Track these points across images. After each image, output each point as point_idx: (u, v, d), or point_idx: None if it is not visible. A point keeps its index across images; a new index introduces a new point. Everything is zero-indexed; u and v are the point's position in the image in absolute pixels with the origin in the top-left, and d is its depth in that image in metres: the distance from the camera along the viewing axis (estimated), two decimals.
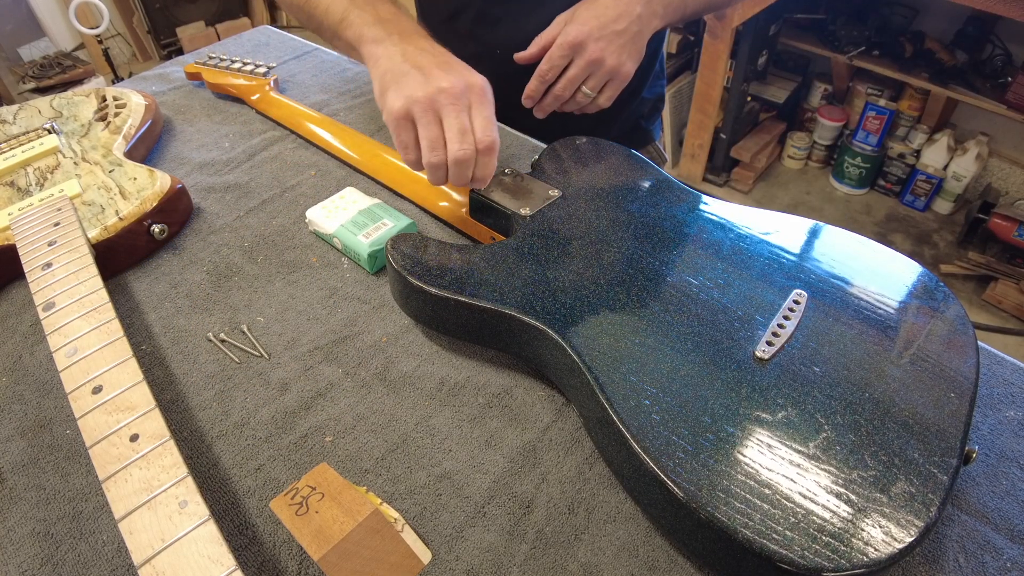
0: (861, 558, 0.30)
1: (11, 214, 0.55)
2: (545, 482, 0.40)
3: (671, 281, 0.45)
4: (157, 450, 0.35)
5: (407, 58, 0.50)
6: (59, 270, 0.47)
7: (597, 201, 0.53)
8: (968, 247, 1.91)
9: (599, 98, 0.59)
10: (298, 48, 0.93)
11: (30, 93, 2.52)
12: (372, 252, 0.54)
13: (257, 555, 0.37)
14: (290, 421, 0.44)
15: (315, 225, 0.57)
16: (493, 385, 0.46)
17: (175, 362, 0.48)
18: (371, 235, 0.54)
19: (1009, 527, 0.38)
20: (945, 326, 0.42)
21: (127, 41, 2.93)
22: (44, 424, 0.44)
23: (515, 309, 0.43)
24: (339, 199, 0.59)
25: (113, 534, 0.38)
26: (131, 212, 0.55)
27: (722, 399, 0.37)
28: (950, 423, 0.36)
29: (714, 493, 0.33)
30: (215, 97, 0.81)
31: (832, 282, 0.45)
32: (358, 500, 0.34)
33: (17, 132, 0.67)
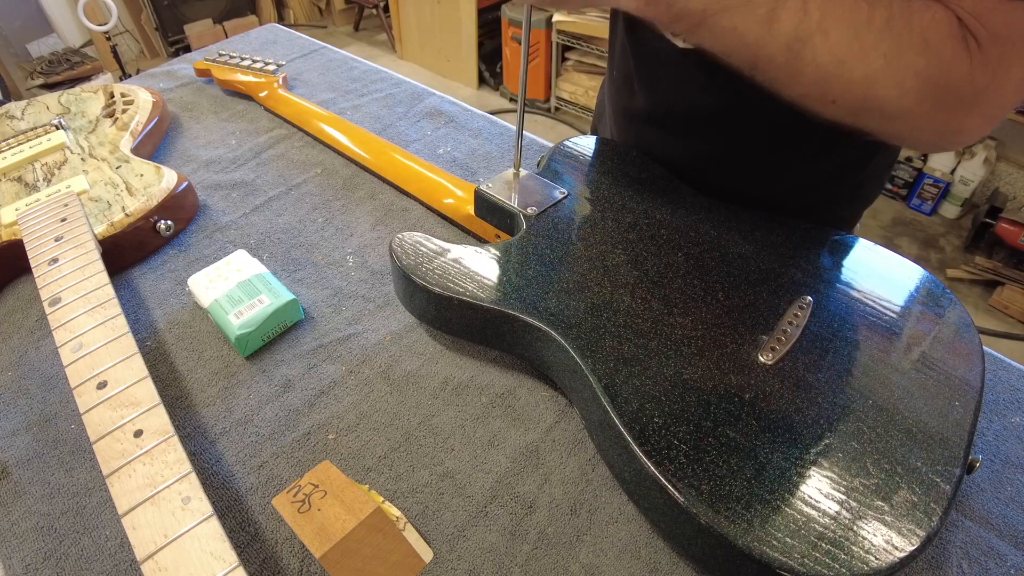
0: (862, 567, 0.30)
1: (18, 209, 0.55)
2: (547, 483, 0.40)
3: (675, 284, 0.45)
4: (161, 446, 0.35)
5: None
6: (65, 265, 0.47)
7: (603, 202, 0.53)
8: (975, 252, 1.90)
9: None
10: (305, 46, 0.93)
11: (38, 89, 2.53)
12: (241, 335, 0.47)
13: (259, 552, 0.37)
14: (293, 419, 0.44)
15: (194, 296, 0.51)
16: (496, 385, 0.46)
17: (180, 359, 0.48)
18: (243, 315, 0.47)
19: (1013, 533, 0.38)
20: (950, 333, 0.42)
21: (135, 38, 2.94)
22: (49, 419, 0.45)
23: (518, 310, 0.43)
24: (225, 265, 0.52)
25: (116, 529, 0.38)
26: (137, 209, 0.56)
27: (725, 404, 0.37)
28: (954, 431, 0.36)
29: (715, 498, 0.33)
30: (222, 94, 0.81)
31: (837, 287, 0.45)
32: (360, 498, 0.34)
33: (25, 128, 0.67)
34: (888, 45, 0.34)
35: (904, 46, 0.33)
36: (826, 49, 0.34)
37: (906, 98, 0.34)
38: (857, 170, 0.56)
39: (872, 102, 0.35)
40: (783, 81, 0.37)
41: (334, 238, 0.59)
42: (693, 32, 0.37)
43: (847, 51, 0.34)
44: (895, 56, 0.34)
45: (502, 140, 0.72)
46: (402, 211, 0.62)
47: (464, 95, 2.78)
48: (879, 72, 0.34)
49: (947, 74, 0.33)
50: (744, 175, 0.56)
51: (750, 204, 0.51)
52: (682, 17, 0.36)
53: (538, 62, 2.52)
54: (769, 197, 0.55)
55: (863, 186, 0.58)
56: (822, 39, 0.34)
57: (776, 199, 0.55)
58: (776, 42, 0.35)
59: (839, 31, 0.34)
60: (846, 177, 0.56)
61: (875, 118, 0.37)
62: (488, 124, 0.75)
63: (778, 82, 0.37)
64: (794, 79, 0.36)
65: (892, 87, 0.34)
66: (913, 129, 0.37)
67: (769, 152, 0.54)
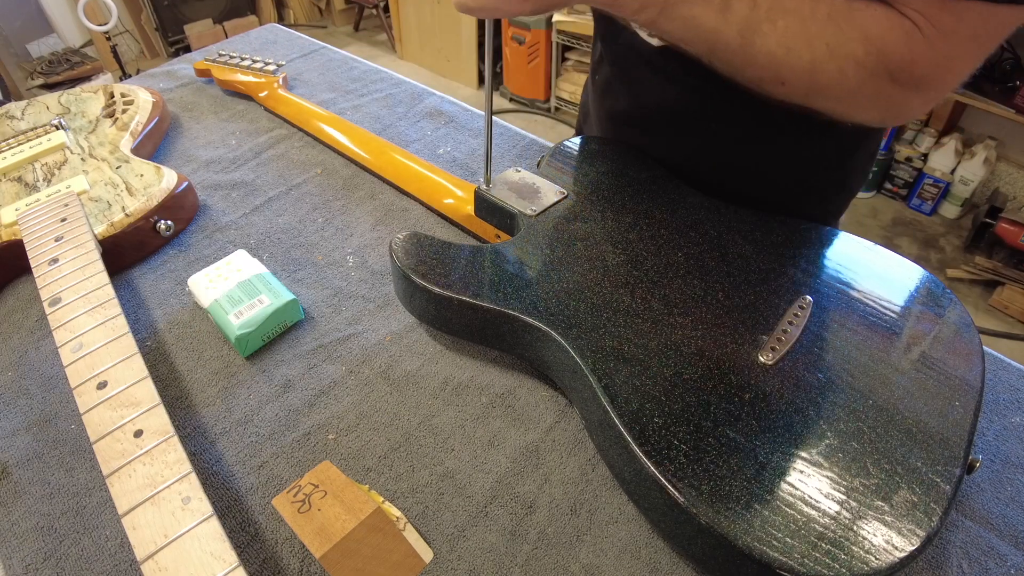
0: (862, 567, 0.30)
1: (18, 209, 0.55)
2: (548, 483, 0.40)
3: (675, 284, 0.45)
4: (161, 446, 0.35)
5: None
6: (65, 266, 0.47)
7: (603, 202, 0.53)
8: (975, 252, 1.90)
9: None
10: (305, 46, 0.93)
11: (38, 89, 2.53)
12: (241, 336, 0.47)
13: (259, 552, 0.37)
14: (293, 419, 0.44)
15: (194, 296, 0.51)
16: (496, 385, 0.46)
17: (180, 359, 0.48)
18: (243, 315, 0.47)
19: (1013, 533, 0.38)
20: (950, 333, 0.42)
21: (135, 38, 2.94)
22: (49, 419, 0.45)
23: (518, 310, 0.43)
24: (225, 265, 0.52)
25: (116, 529, 0.38)
26: (137, 209, 0.56)
27: (725, 404, 0.37)
28: (954, 432, 0.36)
29: (714, 499, 0.33)
30: (222, 94, 0.81)
31: (837, 287, 0.45)
32: (360, 498, 0.34)
33: (25, 128, 0.67)
34: (831, 34, 0.37)
35: (845, 37, 0.37)
36: (774, 37, 0.38)
37: (847, 82, 0.38)
38: (841, 161, 0.58)
39: (818, 85, 0.39)
40: (737, 65, 0.41)
41: (334, 238, 0.59)
42: (654, 22, 0.41)
43: (793, 39, 0.38)
44: (837, 45, 0.38)
45: (503, 140, 0.72)
46: (402, 211, 0.62)
47: (464, 95, 2.78)
48: (823, 58, 0.38)
49: (885, 63, 0.37)
50: (727, 170, 0.57)
51: (737, 200, 0.53)
52: (645, 7, 0.40)
53: (538, 62, 2.52)
54: (755, 192, 0.56)
55: (849, 177, 0.61)
56: (770, 27, 0.38)
57: (762, 193, 0.57)
58: (730, 29, 0.39)
59: (786, 21, 0.38)
60: (831, 169, 0.58)
61: (822, 98, 0.41)
62: None
63: (733, 66, 0.41)
64: (747, 64, 0.41)
65: (835, 72, 0.38)
66: (857, 108, 0.41)
67: (749, 144, 0.56)
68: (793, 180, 0.58)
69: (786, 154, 0.56)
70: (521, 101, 2.70)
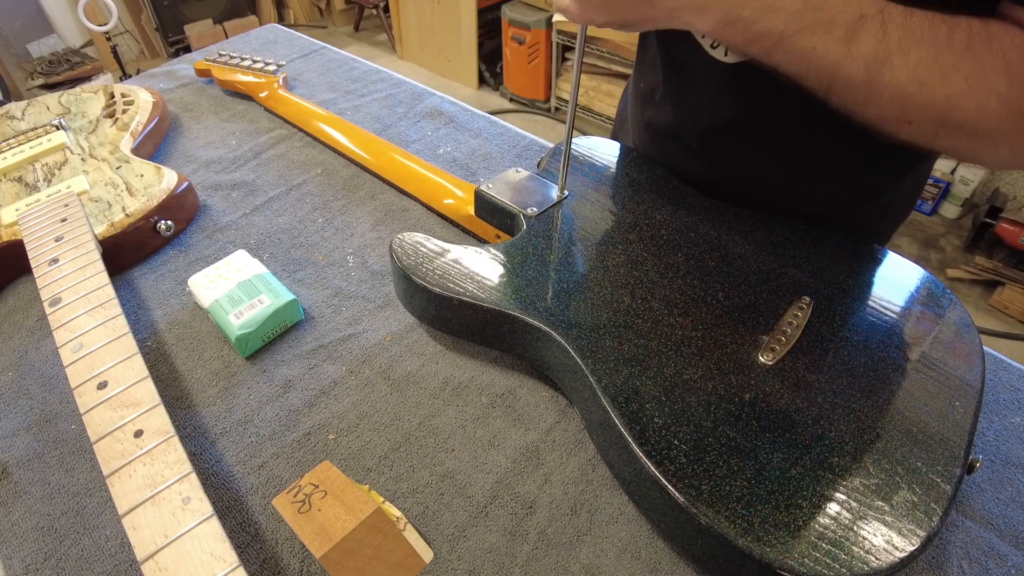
0: (862, 567, 0.30)
1: (19, 210, 0.55)
2: (548, 483, 0.40)
3: (676, 284, 0.45)
4: (161, 446, 0.35)
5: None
6: (66, 266, 0.47)
7: (603, 203, 0.53)
8: (975, 252, 1.90)
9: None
10: (305, 47, 0.93)
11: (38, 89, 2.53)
12: (241, 336, 0.47)
13: (259, 552, 0.37)
14: (293, 419, 0.44)
15: (194, 296, 0.51)
16: (497, 385, 0.46)
17: (180, 359, 0.48)
18: (243, 315, 0.48)
19: (1014, 534, 0.38)
20: (951, 333, 0.42)
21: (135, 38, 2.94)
22: (49, 419, 0.45)
23: (518, 310, 0.43)
24: (225, 265, 0.52)
25: (116, 530, 0.38)
26: (138, 209, 0.56)
27: (725, 404, 0.37)
28: (954, 432, 0.36)
29: (715, 499, 0.33)
30: (222, 95, 0.81)
31: (837, 287, 0.45)
32: (360, 498, 0.34)
33: (25, 128, 0.67)
34: (970, 66, 0.33)
35: (987, 67, 0.33)
36: (905, 70, 0.34)
37: (986, 120, 0.34)
38: (884, 193, 0.55)
39: (951, 124, 0.35)
40: (860, 102, 0.36)
41: (334, 238, 0.59)
42: (768, 54, 0.36)
43: (927, 72, 0.34)
44: (977, 77, 0.33)
45: (502, 140, 0.72)
46: (402, 211, 0.62)
47: (464, 95, 2.79)
48: (960, 94, 0.34)
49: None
50: (763, 197, 0.55)
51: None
52: (759, 38, 0.35)
53: (538, 62, 2.52)
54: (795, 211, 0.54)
55: (890, 207, 0.58)
56: (901, 60, 0.34)
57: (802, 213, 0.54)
58: (855, 63, 0.34)
59: (919, 52, 0.33)
60: (875, 200, 0.56)
61: (952, 139, 0.36)
62: (488, 124, 0.75)
63: (854, 103, 0.36)
64: (871, 100, 0.36)
65: (973, 108, 0.34)
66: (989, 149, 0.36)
67: (792, 176, 0.53)
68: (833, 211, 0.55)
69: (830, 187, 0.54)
70: (521, 101, 2.70)
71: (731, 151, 0.55)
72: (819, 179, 0.54)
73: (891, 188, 0.55)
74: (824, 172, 0.53)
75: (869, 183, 0.54)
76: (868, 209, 0.56)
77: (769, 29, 0.35)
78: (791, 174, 0.53)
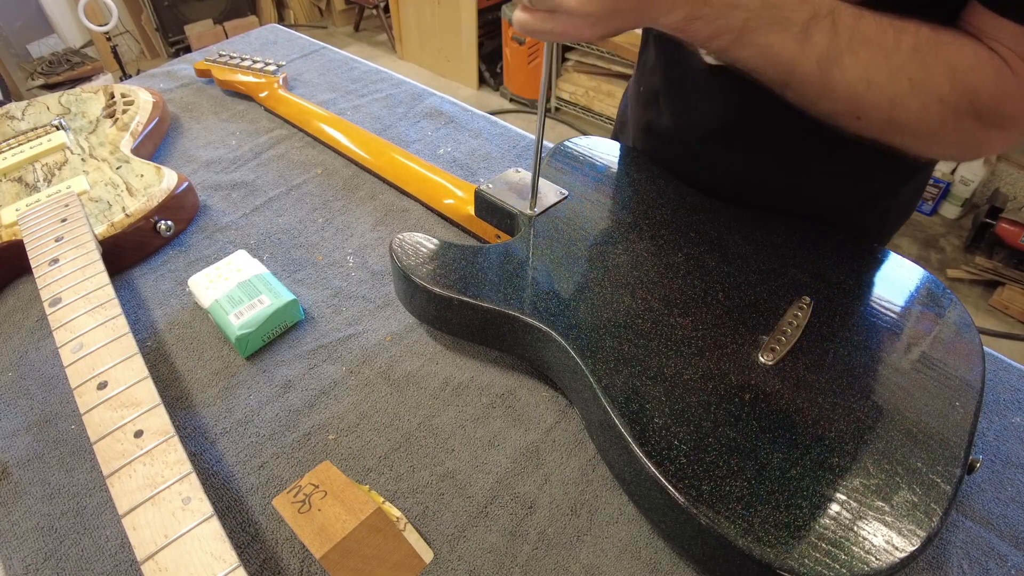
0: (862, 567, 0.30)
1: (19, 210, 0.55)
2: (548, 483, 0.40)
3: (676, 284, 0.45)
4: (161, 446, 0.35)
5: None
6: (66, 266, 0.47)
7: (603, 202, 0.53)
8: (975, 252, 1.90)
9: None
10: (305, 47, 0.93)
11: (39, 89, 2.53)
12: (241, 336, 0.47)
13: (259, 552, 0.37)
14: (293, 419, 0.44)
15: (194, 296, 0.51)
16: (497, 385, 0.46)
17: (180, 359, 0.48)
18: (243, 315, 0.48)
19: (1014, 534, 0.38)
20: (951, 333, 0.42)
21: (135, 38, 2.94)
22: (49, 419, 0.45)
23: (518, 310, 0.43)
24: (225, 265, 0.52)
25: (116, 530, 0.38)
26: (138, 209, 0.56)
27: (725, 404, 0.37)
28: (954, 432, 0.36)
29: (715, 499, 0.33)
30: (222, 95, 0.81)
31: (837, 288, 0.45)
32: (360, 499, 0.34)
33: (25, 128, 0.67)
34: (915, 69, 0.35)
35: (931, 72, 0.35)
36: (855, 69, 0.36)
37: (929, 119, 0.36)
38: (884, 198, 0.56)
39: (897, 121, 0.37)
40: (813, 98, 0.38)
41: (334, 238, 0.59)
42: (729, 49, 0.37)
43: (875, 72, 0.36)
44: (921, 80, 0.35)
45: (502, 140, 0.72)
46: (402, 211, 0.62)
47: (464, 95, 2.79)
48: (905, 94, 0.36)
49: (972, 100, 0.35)
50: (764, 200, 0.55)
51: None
52: (720, 33, 0.36)
53: (538, 62, 2.52)
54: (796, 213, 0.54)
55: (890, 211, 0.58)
56: (851, 59, 0.36)
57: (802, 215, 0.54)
58: (809, 60, 0.36)
59: (868, 52, 0.35)
60: (873, 206, 0.56)
61: (899, 135, 0.38)
62: (488, 124, 0.75)
63: (808, 99, 0.38)
64: (824, 96, 0.38)
65: (916, 108, 0.36)
66: (935, 145, 0.39)
67: (792, 179, 0.54)
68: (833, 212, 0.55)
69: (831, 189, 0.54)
70: (521, 101, 2.70)
71: (730, 155, 0.55)
72: (819, 185, 0.54)
73: (892, 193, 0.56)
74: (824, 177, 0.53)
75: (869, 188, 0.54)
76: (869, 213, 0.57)
77: (730, 25, 0.36)
78: (791, 177, 0.53)
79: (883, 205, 0.57)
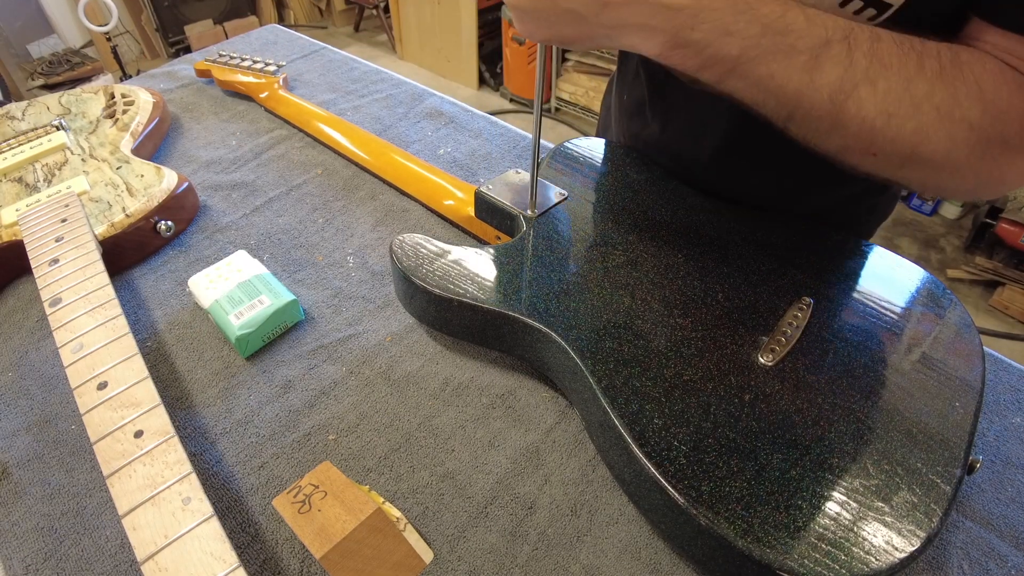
0: (862, 567, 0.30)
1: (19, 210, 0.55)
2: (548, 483, 0.40)
3: (675, 285, 0.45)
4: (161, 446, 0.35)
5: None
6: (66, 266, 0.47)
7: (603, 203, 0.53)
8: (975, 252, 1.90)
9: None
10: (306, 47, 0.93)
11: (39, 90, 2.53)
12: (241, 336, 0.47)
13: (259, 553, 0.37)
14: (293, 419, 0.44)
15: (194, 296, 0.51)
16: (497, 386, 0.46)
17: (180, 359, 0.48)
18: (243, 315, 0.48)
19: (1014, 534, 0.38)
20: (951, 334, 0.42)
21: (135, 39, 2.94)
22: (49, 419, 0.45)
23: (518, 311, 0.43)
24: (225, 265, 0.52)
25: (116, 530, 0.38)
26: (138, 209, 0.56)
27: (725, 405, 0.37)
28: (954, 432, 0.36)
29: (715, 499, 0.33)
30: (223, 95, 0.81)
31: (837, 288, 0.45)
32: (360, 499, 0.34)
33: (25, 128, 0.67)
34: (941, 96, 0.31)
35: (959, 97, 0.31)
36: (873, 101, 0.32)
37: (957, 151, 0.32)
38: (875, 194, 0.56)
39: (919, 156, 0.33)
40: (822, 133, 0.34)
41: (334, 239, 0.59)
42: (722, 81, 0.33)
43: (896, 103, 0.31)
44: (949, 108, 0.31)
45: (502, 141, 0.72)
46: (402, 212, 0.62)
47: (464, 96, 2.79)
48: (931, 125, 0.31)
49: (1002, 124, 0.31)
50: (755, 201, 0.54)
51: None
52: (713, 63, 0.32)
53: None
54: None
55: (880, 205, 0.58)
56: (869, 90, 0.31)
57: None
58: (818, 93, 0.32)
59: (888, 81, 0.31)
60: (864, 200, 0.56)
61: (918, 170, 0.34)
62: (488, 125, 0.75)
63: (815, 134, 0.34)
64: (834, 131, 0.33)
65: (944, 140, 0.32)
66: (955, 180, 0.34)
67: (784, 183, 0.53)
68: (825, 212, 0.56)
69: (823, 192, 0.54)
70: (521, 101, 2.70)
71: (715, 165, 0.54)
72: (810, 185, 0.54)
73: (881, 189, 0.56)
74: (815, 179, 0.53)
75: (858, 185, 0.54)
76: (858, 207, 0.57)
77: (724, 54, 0.32)
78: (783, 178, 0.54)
79: (871, 201, 0.57)
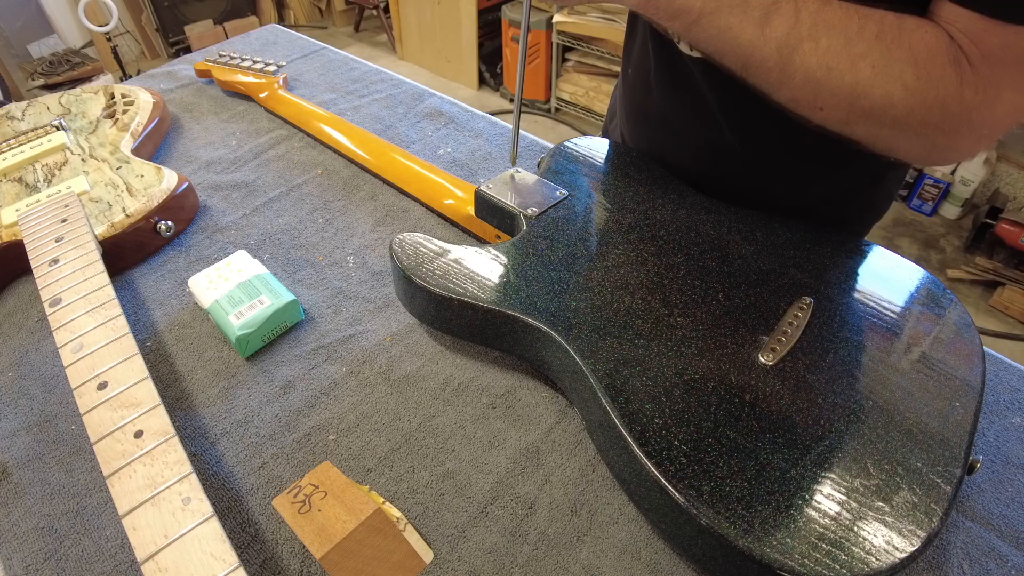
0: (862, 567, 0.30)
1: (19, 210, 0.55)
2: (548, 483, 0.40)
3: (676, 285, 0.45)
4: (161, 447, 0.35)
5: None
6: (66, 266, 0.47)
7: (603, 203, 0.53)
8: (975, 252, 1.90)
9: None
10: (306, 47, 0.93)
11: (39, 90, 2.53)
12: (241, 336, 0.47)
13: (259, 553, 0.37)
14: (293, 419, 0.44)
15: (194, 297, 0.51)
16: (497, 386, 0.46)
17: (180, 359, 0.48)
18: (243, 315, 0.47)
19: (1014, 534, 0.38)
20: (951, 333, 0.42)
21: (135, 39, 2.94)
22: (49, 419, 0.45)
23: (518, 310, 0.43)
24: (225, 265, 0.52)
25: (117, 530, 0.38)
26: (138, 209, 0.56)
27: (725, 405, 0.37)
28: (954, 432, 0.36)
29: (715, 499, 0.33)
30: (223, 95, 0.81)
31: (837, 288, 0.45)
32: (360, 499, 0.34)
33: (26, 128, 0.67)
34: (877, 55, 0.35)
35: (893, 58, 0.34)
36: (816, 56, 0.35)
37: (893, 108, 0.35)
38: (871, 188, 0.56)
39: (860, 110, 0.36)
40: (773, 84, 0.38)
41: (334, 239, 0.59)
42: (688, 30, 0.38)
43: (836, 59, 0.35)
44: (884, 66, 0.35)
45: (502, 141, 0.72)
46: (402, 212, 0.62)
47: (464, 96, 2.79)
48: (867, 81, 0.35)
49: (935, 89, 0.34)
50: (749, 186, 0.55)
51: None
52: (679, 14, 0.37)
53: (538, 63, 2.52)
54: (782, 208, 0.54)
55: (876, 202, 0.58)
56: (812, 45, 0.35)
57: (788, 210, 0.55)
58: (768, 45, 0.36)
59: (829, 39, 0.35)
60: (860, 194, 0.56)
61: (863, 127, 0.37)
62: (488, 125, 0.75)
63: (768, 84, 0.38)
64: (783, 83, 0.37)
65: (880, 96, 0.35)
66: (902, 141, 0.38)
67: (778, 164, 0.54)
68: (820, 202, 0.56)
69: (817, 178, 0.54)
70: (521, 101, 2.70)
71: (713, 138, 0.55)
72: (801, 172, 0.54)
73: (874, 186, 0.56)
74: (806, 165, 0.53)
75: (851, 180, 0.54)
76: (851, 204, 0.57)
77: (689, 6, 0.37)
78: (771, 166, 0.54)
79: (865, 197, 0.57)
